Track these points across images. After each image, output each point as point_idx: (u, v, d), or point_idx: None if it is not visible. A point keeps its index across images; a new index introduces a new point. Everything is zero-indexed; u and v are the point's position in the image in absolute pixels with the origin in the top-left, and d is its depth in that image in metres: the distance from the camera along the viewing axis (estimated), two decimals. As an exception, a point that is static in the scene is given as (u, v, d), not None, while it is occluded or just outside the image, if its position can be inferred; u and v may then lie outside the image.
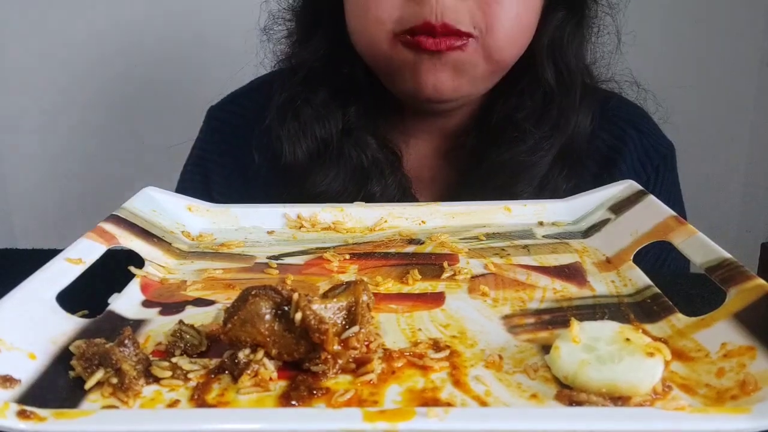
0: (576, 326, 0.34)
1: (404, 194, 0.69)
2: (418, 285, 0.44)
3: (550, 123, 0.67)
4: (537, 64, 0.67)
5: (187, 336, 0.36)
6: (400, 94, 0.67)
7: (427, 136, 0.73)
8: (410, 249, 0.51)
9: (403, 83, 0.64)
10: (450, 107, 0.68)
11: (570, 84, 0.67)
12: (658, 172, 0.73)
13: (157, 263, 0.47)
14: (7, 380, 0.31)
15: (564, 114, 0.67)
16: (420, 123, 0.72)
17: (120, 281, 0.43)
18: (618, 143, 0.73)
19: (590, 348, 0.32)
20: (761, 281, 0.36)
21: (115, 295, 0.42)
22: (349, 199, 0.66)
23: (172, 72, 1.29)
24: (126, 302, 0.41)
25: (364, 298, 0.36)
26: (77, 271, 0.41)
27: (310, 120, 0.68)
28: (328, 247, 0.51)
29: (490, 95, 0.70)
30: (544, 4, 0.65)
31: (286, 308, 0.34)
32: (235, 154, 0.76)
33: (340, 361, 0.33)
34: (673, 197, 0.75)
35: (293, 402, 0.31)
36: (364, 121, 0.69)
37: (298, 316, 0.33)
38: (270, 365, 0.33)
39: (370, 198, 0.66)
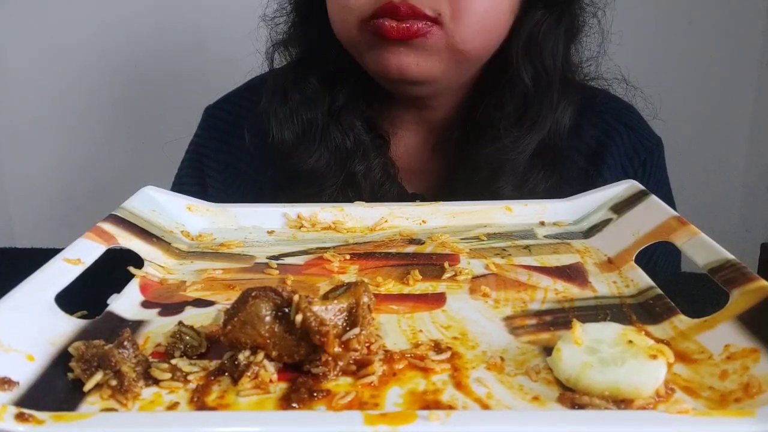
0: (578, 328, 0.33)
1: (389, 178, 0.70)
2: (419, 285, 0.44)
3: (529, 122, 0.68)
4: (513, 63, 0.67)
5: (187, 337, 0.35)
6: (374, 76, 0.68)
7: (414, 128, 0.74)
8: (411, 249, 0.51)
9: (371, 65, 0.65)
10: (426, 92, 0.68)
11: (547, 83, 0.68)
12: (645, 167, 0.74)
13: (156, 263, 0.46)
14: (5, 382, 0.30)
15: (541, 113, 0.68)
16: (406, 114, 0.73)
17: (119, 281, 0.43)
18: (605, 138, 0.73)
19: (593, 350, 0.32)
20: (765, 283, 0.36)
21: (114, 295, 0.41)
22: (334, 178, 0.68)
23: (171, 71, 1.28)
24: (125, 303, 0.41)
25: (365, 299, 0.35)
26: (76, 271, 0.41)
27: (297, 105, 0.70)
28: (329, 247, 0.51)
29: (473, 90, 0.70)
30: (522, 4, 0.65)
31: (286, 310, 0.34)
32: (231, 151, 0.77)
33: (340, 363, 0.33)
34: (660, 192, 0.75)
35: (293, 404, 0.31)
36: (351, 105, 0.70)
37: (299, 317, 0.33)
38: (270, 367, 0.33)
39: (352, 178, 0.68)
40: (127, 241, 0.47)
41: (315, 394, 0.31)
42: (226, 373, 0.33)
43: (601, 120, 0.73)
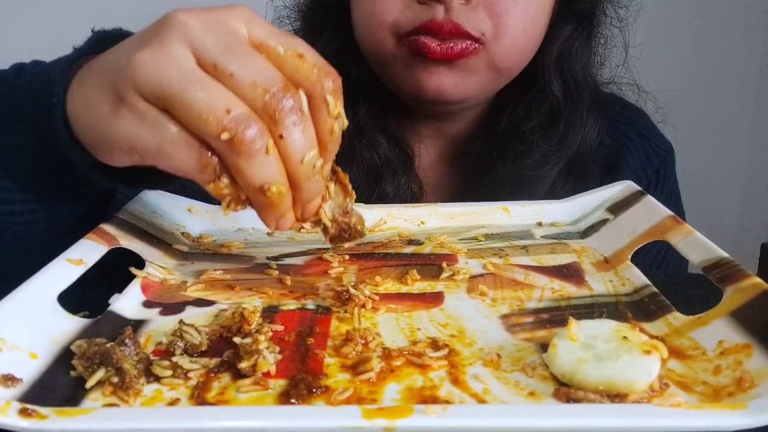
0: (574, 325, 0.34)
1: (414, 198, 0.69)
2: (417, 285, 0.44)
3: (557, 137, 0.67)
4: (544, 77, 0.66)
5: (188, 335, 0.36)
6: (402, 94, 0.67)
7: (432, 141, 0.73)
8: (409, 249, 0.51)
9: (405, 83, 0.64)
10: (454, 110, 0.68)
11: (577, 98, 0.67)
12: (659, 175, 0.74)
13: (157, 264, 0.47)
14: (9, 379, 0.31)
15: (571, 128, 0.67)
16: (426, 128, 0.72)
17: (121, 282, 0.43)
18: (621, 148, 0.73)
19: (588, 346, 0.33)
20: (758, 279, 0.36)
21: (116, 295, 0.42)
22: (362, 200, 0.66)
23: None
24: (127, 302, 0.41)
25: None
26: (78, 271, 0.41)
27: None
28: (328, 248, 0.51)
29: (496, 102, 0.69)
30: (553, 17, 0.65)
31: None
32: None
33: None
34: (673, 198, 0.75)
35: (292, 400, 0.31)
36: (375, 121, 0.69)
37: None
38: (269, 357, 0.33)
39: (383, 199, 0.66)
40: (129, 242, 0.47)
41: (314, 390, 0.32)
42: (228, 367, 0.33)
43: (616, 130, 0.73)
